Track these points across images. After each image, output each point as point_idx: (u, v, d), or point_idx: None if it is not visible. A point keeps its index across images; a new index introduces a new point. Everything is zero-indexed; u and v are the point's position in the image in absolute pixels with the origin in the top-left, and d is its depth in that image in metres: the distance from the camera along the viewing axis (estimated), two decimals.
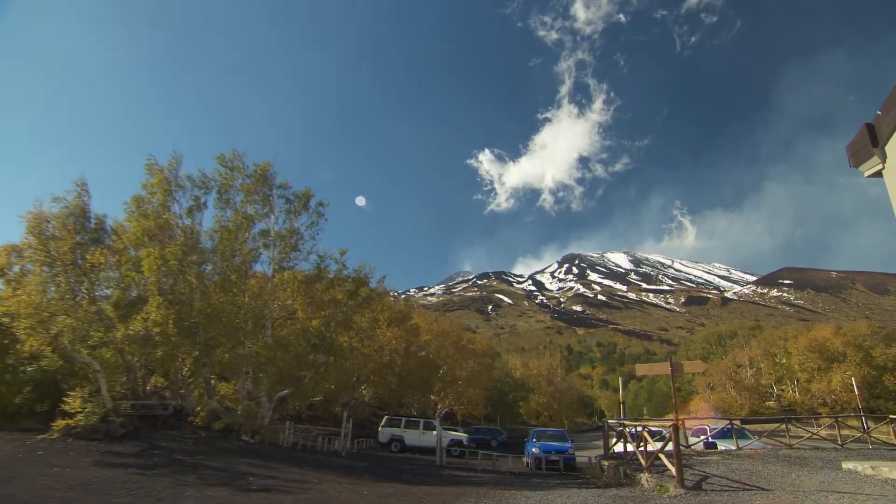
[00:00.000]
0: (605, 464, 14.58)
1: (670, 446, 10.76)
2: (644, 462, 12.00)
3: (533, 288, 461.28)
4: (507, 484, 13.77)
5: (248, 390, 20.07)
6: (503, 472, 17.59)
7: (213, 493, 9.22)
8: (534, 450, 19.60)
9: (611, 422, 17.98)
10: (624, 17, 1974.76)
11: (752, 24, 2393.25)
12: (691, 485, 10.04)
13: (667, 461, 11.13)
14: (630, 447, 13.91)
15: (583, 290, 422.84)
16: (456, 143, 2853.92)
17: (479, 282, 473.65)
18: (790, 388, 48.21)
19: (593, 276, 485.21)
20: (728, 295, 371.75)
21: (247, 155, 21.29)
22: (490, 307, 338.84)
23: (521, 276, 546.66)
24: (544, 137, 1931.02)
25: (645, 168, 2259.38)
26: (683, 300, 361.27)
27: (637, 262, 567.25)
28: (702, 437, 19.72)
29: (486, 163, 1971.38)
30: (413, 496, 10.96)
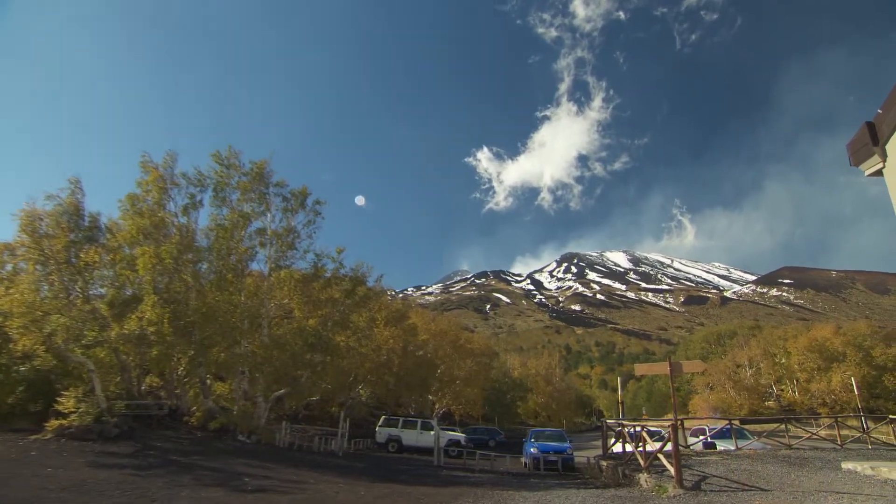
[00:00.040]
0: (604, 464, 14.61)
1: (669, 446, 10.79)
2: (643, 462, 12.03)
3: (531, 287, 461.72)
4: (505, 484, 13.79)
5: (244, 390, 20.06)
6: (501, 472, 17.61)
7: (209, 494, 9.21)
8: (532, 450, 19.63)
9: (609, 422, 18.01)
10: (624, 15, 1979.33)
11: (752, 22, 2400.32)
12: (690, 485, 10.07)
13: (666, 461, 11.16)
14: (629, 447, 13.94)
15: (581, 289, 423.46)
16: (454, 141, 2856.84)
17: (478, 281, 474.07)
18: (790, 388, 48.39)
19: (592, 276, 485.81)
20: (727, 294, 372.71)
21: (243, 153, 21.32)
22: (488, 306, 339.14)
23: (519, 276, 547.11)
24: (543, 136, 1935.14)
25: (644, 167, 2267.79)
26: (683, 299, 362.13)
27: (636, 261, 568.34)
28: (701, 438, 19.78)
29: (484, 161, 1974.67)
30: (410, 497, 10.97)
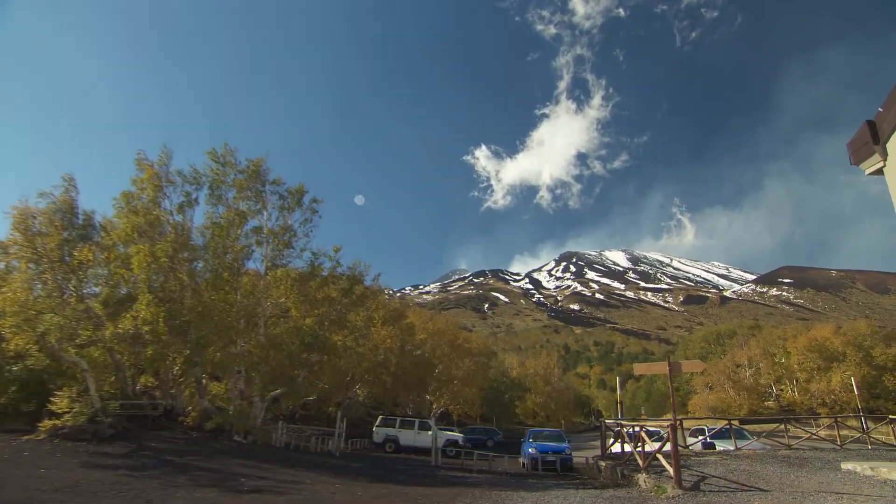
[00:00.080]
0: (603, 464, 14.63)
1: (668, 447, 10.82)
2: (642, 462, 12.05)
3: (530, 286, 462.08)
4: (504, 485, 13.81)
5: (240, 390, 20.05)
6: (499, 472, 17.64)
7: (204, 495, 9.19)
8: (530, 450, 19.66)
9: (608, 422, 18.03)
10: (623, 12, 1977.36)
11: (752, 20, 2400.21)
12: (689, 485, 10.09)
13: (664, 462, 11.17)
14: (627, 447, 13.97)
15: (580, 288, 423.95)
16: (452, 139, 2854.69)
17: (476, 280, 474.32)
18: (789, 388, 48.55)
19: (591, 275, 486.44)
20: (727, 294, 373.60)
21: (239, 150, 21.25)
22: (486, 306, 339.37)
23: (517, 275, 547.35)
24: (542, 134, 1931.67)
25: (644, 165, 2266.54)
26: (682, 299, 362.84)
27: (635, 260, 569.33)
28: (700, 438, 19.82)
29: (482, 159, 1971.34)
30: (408, 497, 10.97)
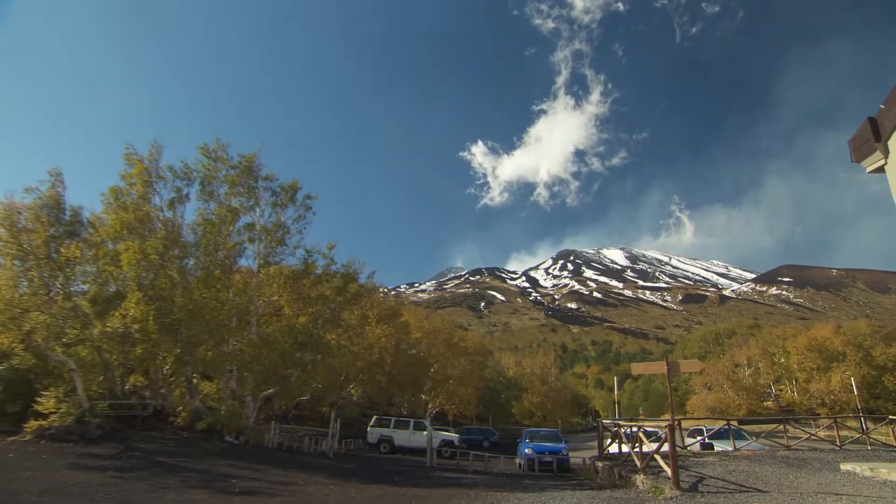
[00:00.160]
0: (600, 465, 14.68)
1: (666, 447, 10.86)
2: (639, 463, 12.09)
3: (527, 284, 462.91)
4: (499, 486, 13.83)
5: (231, 389, 19.98)
6: (495, 473, 17.66)
7: (195, 496, 9.17)
8: (527, 450, 19.70)
9: (606, 422, 18.09)
10: (623, 6, 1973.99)
11: (754, 15, 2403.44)
12: (687, 486, 10.14)
13: (662, 462, 11.22)
14: (625, 448, 14.01)
15: (578, 286, 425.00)
16: (448, 134, 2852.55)
17: (472, 278, 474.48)
18: (789, 388, 48.86)
19: (589, 273, 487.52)
20: (726, 293, 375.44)
21: (231, 146, 21.14)
22: (483, 304, 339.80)
23: (514, 273, 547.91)
24: (539, 130, 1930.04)
25: (642, 162, 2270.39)
26: (681, 298, 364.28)
27: (633, 258, 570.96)
28: (698, 438, 19.90)
29: (479, 155, 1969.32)
30: (402, 498, 10.98)
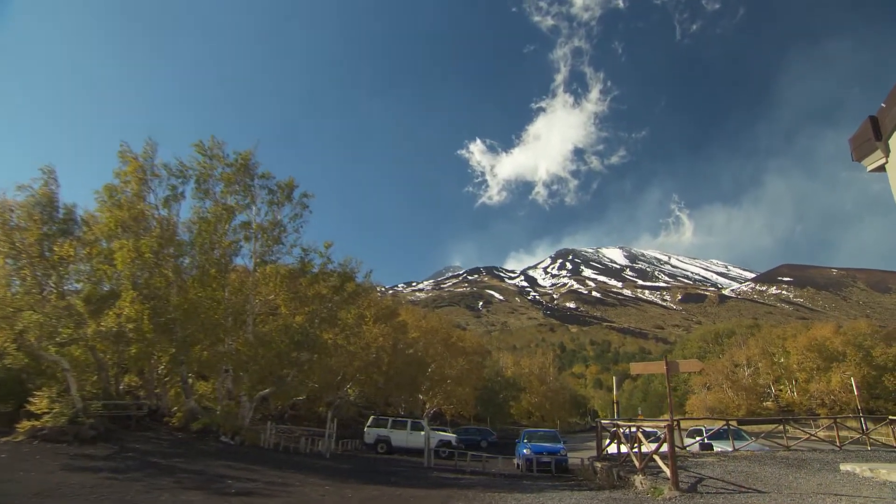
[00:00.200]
0: (599, 465, 14.69)
1: (665, 447, 10.87)
2: (638, 464, 12.10)
3: (525, 284, 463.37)
4: (497, 486, 13.85)
5: (227, 389, 19.96)
6: (493, 473, 17.68)
7: (190, 498, 9.15)
8: (525, 451, 19.72)
9: (604, 422, 18.09)
10: (622, 3, 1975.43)
11: (755, 12, 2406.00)
12: (686, 487, 10.15)
13: (661, 463, 11.23)
14: (624, 448, 14.01)
15: (576, 286, 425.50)
16: (446, 132, 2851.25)
17: (470, 277, 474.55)
18: (788, 388, 49.01)
19: (587, 272, 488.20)
20: (726, 292, 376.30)
21: (227, 143, 21.10)
22: (481, 303, 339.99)
23: (512, 272, 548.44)
24: (538, 128, 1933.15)
25: (642, 161, 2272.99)
26: (680, 297, 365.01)
27: (633, 257, 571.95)
28: (697, 439, 19.94)
29: (477, 154, 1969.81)
30: (399, 499, 10.98)
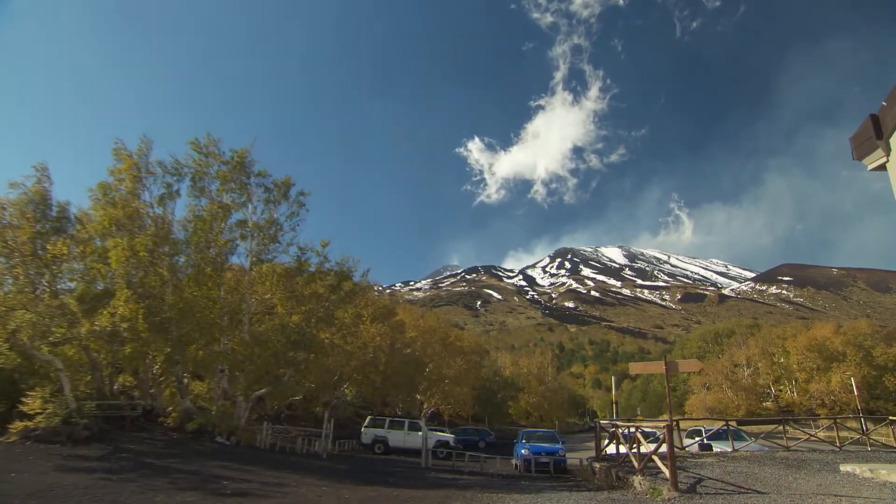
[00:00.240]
0: (597, 466, 14.72)
1: (664, 448, 10.89)
2: (637, 464, 12.13)
3: (524, 283, 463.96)
4: (495, 487, 13.87)
5: (223, 389, 19.94)
6: (491, 474, 17.71)
7: (185, 499, 9.13)
8: (523, 451, 19.75)
9: (603, 422, 18.13)
10: (622, 1, 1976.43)
11: (755, 10, 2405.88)
12: (685, 488, 10.17)
13: (660, 463, 11.25)
14: (623, 449, 14.05)
15: (575, 285, 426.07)
16: (444, 130, 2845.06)
17: (468, 276, 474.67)
18: (788, 388, 49.17)
19: (586, 272, 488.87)
20: (725, 292, 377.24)
21: (223, 141, 21.07)
22: (479, 303, 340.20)
23: (511, 271, 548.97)
24: (537, 126, 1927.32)
25: (641, 159, 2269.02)
26: (679, 297, 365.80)
27: (632, 256, 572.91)
28: (697, 439, 19.99)
29: (475, 152, 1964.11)
30: (397, 500, 10.99)
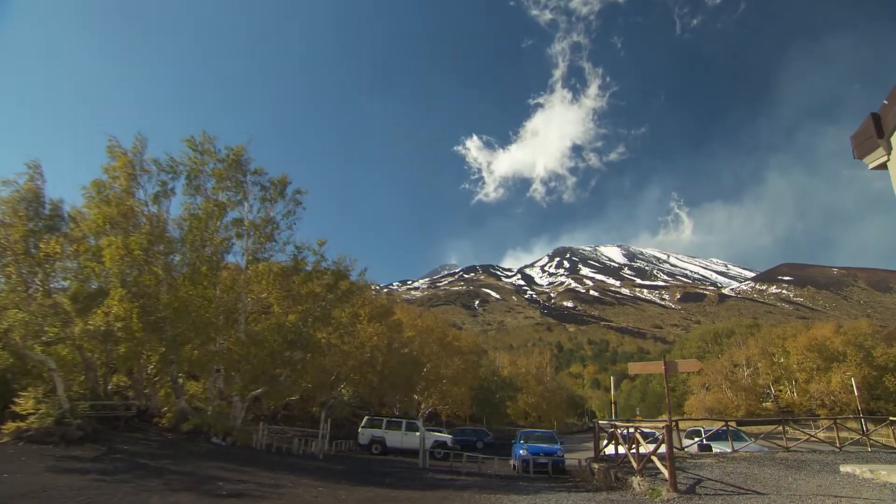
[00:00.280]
0: (596, 466, 14.74)
1: (663, 448, 10.91)
2: (636, 465, 12.15)
3: (522, 282, 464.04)
4: (493, 487, 13.87)
5: (219, 389, 19.90)
6: (489, 475, 17.71)
7: (179, 499, 9.11)
8: (521, 452, 19.74)
9: (602, 423, 18.15)
10: None
11: (756, 7, 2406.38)
12: (685, 488, 10.20)
13: (659, 464, 11.27)
14: (621, 449, 14.06)
15: (574, 284, 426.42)
16: (442, 128, 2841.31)
17: (466, 275, 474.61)
18: (788, 388, 49.31)
19: (585, 271, 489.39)
20: (725, 291, 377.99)
21: (219, 139, 21.02)
22: (477, 302, 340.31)
23: (509, 270, 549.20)
24: (536, 124, 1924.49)
25: (641, 158, 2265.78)
26: (679, 296, 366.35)
27: (631, 256, 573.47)
28: (696, 440, 20.02)
29: (473, 150, 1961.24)
30: (394, 501, 10.98)
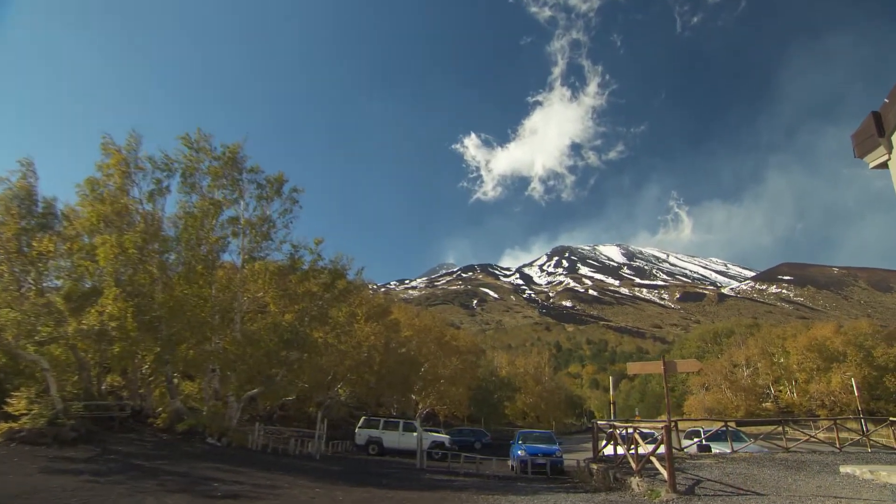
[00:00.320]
0: (594, 467, 14.77)
1: (662, 449, 10.92)
2: (635, 465, 12.17)
3: (520, 282, 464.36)
4: (491, 488, 13.88)
5: (214, 389, 19.88)
6: (487, 475, 17.71)
7: (174, 501, 9.09)
8: (519, 452, 19.76)
9: (600, 423, 18.19)
10: None
11: (756, 5, 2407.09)
12: (684, 489, 10.21)
13: (658, 465, 11.29)
14: (620, 450, 14.09)
15: (573, 284, 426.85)
16: (439, 126, 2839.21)
17: (464, 275, 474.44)
18: (788, 388, 49.44)
19: (584, 270, 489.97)
20: (725, 291, 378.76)
21: (214, 136, 20.99)
22: (475, 301, 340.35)
23: (508, 269, 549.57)
24: (535, 122, 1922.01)
25: (640, 156, 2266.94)
26: (678, 296, 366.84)
27: (630, 255, 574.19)
28: (695, 440, 20.06)
29: (472, 148, 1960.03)
30: (391, 502, 10.98)
